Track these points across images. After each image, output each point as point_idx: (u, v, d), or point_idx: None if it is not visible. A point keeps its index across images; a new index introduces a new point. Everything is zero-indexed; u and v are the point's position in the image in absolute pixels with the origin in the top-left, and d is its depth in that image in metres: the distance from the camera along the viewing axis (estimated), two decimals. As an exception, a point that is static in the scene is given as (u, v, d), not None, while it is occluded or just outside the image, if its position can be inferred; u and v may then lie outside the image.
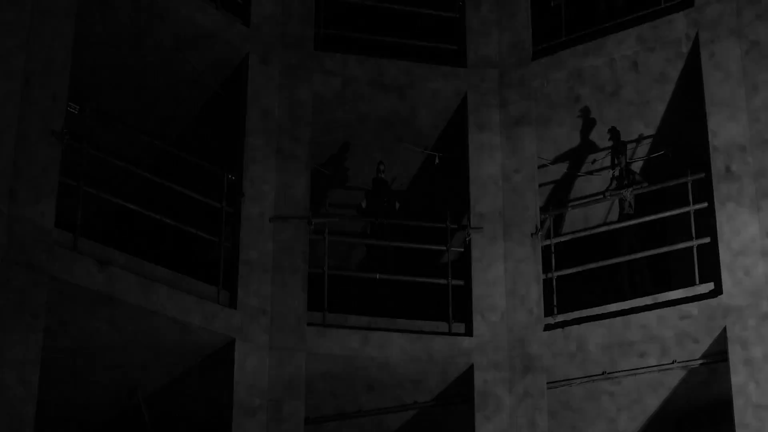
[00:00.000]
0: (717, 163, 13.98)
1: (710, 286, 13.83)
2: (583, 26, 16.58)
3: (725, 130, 14.17)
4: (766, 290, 13.06)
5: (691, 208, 14.30)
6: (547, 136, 17.48)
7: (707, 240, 14.15)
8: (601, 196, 16.49)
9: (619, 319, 14.76)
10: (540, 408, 15.13)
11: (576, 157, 18.11)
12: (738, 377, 13.20)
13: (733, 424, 13.42)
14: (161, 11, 14.05)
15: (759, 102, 13.89)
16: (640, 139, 17.40)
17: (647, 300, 14.80)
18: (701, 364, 14.94)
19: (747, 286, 13.35)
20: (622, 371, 15.66)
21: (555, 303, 15.43)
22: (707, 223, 14.30)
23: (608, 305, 15.21)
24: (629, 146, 16.80)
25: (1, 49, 11.14)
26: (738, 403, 13.21)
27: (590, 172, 17.91)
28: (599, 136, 17.42)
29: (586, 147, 17.99)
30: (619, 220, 16.08)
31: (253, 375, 14.10)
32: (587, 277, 16.47)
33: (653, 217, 15.44)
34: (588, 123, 17.42)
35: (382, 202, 16.69)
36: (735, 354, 13.25)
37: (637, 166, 17.06)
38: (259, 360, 14.23)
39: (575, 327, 15.10)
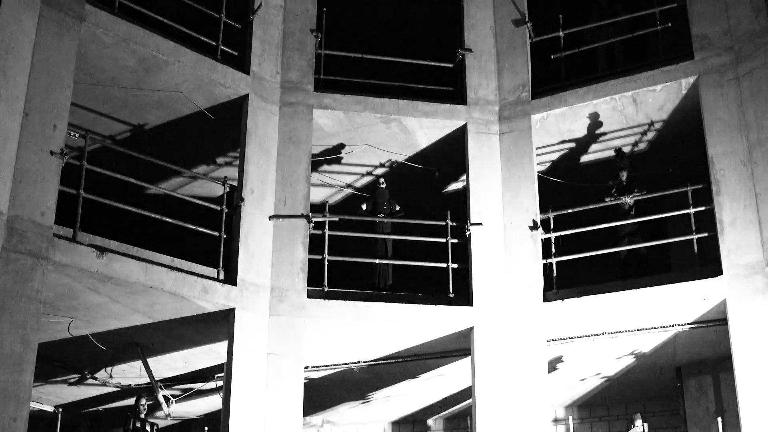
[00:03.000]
0: (716, 175, 15.32)
1: (711, 268, 15.10)
2: (584, 74, 17.74)
3: (723, 153, 15.43)
4: (760, 269, 14.39)
5: (691, 210, 15.67)
6: (546, 154, 18.60)
7: (705, 235, 15.45)
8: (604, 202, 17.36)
9: (618, 293, 15.78)
10: (538, 359, 16.14)
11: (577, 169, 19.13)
12: (738, 339, 14.47)
13: (733, 373, 14.59)
14: (161, 63, 15.50)
15: (755, 135, 15.13)
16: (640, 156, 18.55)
17: (648, 280, 15.88)
18: (701, 327, 16.19)
19: (742, 267, 14.67)
20: (621, 331, 16.58)
21: (554, 281, 16.46)
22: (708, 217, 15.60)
23: (608, 283, 16.22)
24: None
25: (4, 91, 13.02)
26: (738, 358, 14.40)
27: (591, 182, 18.81)
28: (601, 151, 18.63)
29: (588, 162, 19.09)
30: (618, 218, 17.06)
31: (252, 335, 15.46)
32: (589, 261, 17.28)
33: (651, 217, 16.61)
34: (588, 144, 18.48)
35: (383, 204, 18.01)
36: (735, 320, 14.59)
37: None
38: (259, 324, 15.56)
39: (575, 300, 16.08)
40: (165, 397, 17.86)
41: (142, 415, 16.75)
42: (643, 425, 17.20)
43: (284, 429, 15.34)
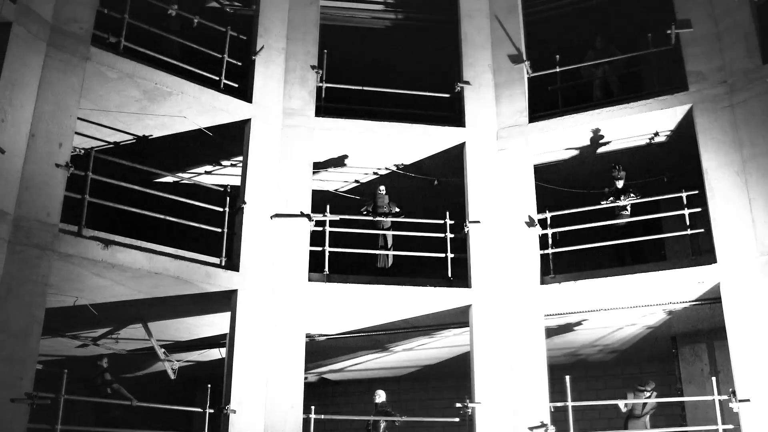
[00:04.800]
0: (711, 183, 16.72)
1: (706, 257, 16.52)
2: (581, 102, 18.98)
3: (718, 165, 16.78)
4: (759, 257, 15.83)
5: (686, 211, 17.06)
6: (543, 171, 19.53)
7: (701, 231, 16.85)
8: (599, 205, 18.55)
9: (614, 278, 17.03)
10: (536, 330, 17.17)
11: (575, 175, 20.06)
12: (733, 314, 15.87)
13: (726, 341, 15.86)
14: (164, 93, 16.89)
15: (748, 150, 16.50)
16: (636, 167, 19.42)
17: (645, 267, 17.14)
18: (696, 304, 17.42)
19: (735, 257, 16.06)
20: (618, 308, 17.66)
21: (552, 268, 17.56)
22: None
23: (604, 269, 17.40)
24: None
25: (10, 117, 14.61)
26: (732, 330, 15.75)
27: (587, 186, 19.91)
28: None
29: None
30: (614, 217, 18.39)
31: (255, 311, 16.60)
32: (589, 254, 18.17)
33: (646, 217, 18.04)
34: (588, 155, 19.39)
35: (382, 207, 19.32)
36: (729, 299, 16.00)
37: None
38: (262, 302, 16.71)
39: (572, 283, 17.20)
40: (165, 353, 19.10)
41: (107, 377, 17.78)
42: (652, 392, 17.77)
43: (286, 386, 16.54)
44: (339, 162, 19.75)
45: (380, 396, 18.56)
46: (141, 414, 17.05)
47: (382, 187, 19.49)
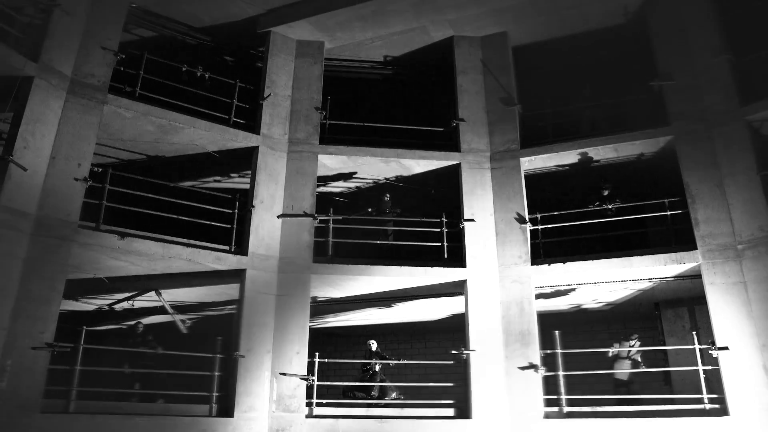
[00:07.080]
0: (692, 192, 18.41)
1: (687, 246, 18.17)
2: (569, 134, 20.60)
3: (699, 179, 18.48)
4: (737, 246, 17.67)
5: (668, 213, 18.86)
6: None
7: (684, 226, 18.49)
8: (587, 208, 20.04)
9: (603, 261, 18.51)
10: (528, 299, 18.48)
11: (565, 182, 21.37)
12: (711, 287, 17.56)
13: (706, 306, 17.44)
14: (177, 128, 18.68)
15: (727, 169, 18.24)
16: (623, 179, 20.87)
17: (630, 252, 18.62)
18: (677, 280, 18.88)
19: (715, 245, 17.85)
20: (607, 281, 18.96)
21: (542, 254, 18.99)
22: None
23: (592, 254, 18.76)
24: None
25: (31, 144, 16.60)
26: (712, 299, 17.45)
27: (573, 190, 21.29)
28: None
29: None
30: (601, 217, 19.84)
31: (263, 284, 17.99)
32: (581, 247, 19.61)
33: (632, 216, 19.49)
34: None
35: (385, 210, 20.80)
36: (708, 277, 17.73)
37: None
38: (269, 278, 18.11)
39: (560, 264, 18.60)
40: (174, 312, 20.14)
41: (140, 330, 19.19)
42: (636, 341, 19.46)
43: (292, 337, 17.88)
44: (347, 177, 21.37)
45: (374, 344, 19.75)
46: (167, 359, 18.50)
47: (387, 195, 21.00)
